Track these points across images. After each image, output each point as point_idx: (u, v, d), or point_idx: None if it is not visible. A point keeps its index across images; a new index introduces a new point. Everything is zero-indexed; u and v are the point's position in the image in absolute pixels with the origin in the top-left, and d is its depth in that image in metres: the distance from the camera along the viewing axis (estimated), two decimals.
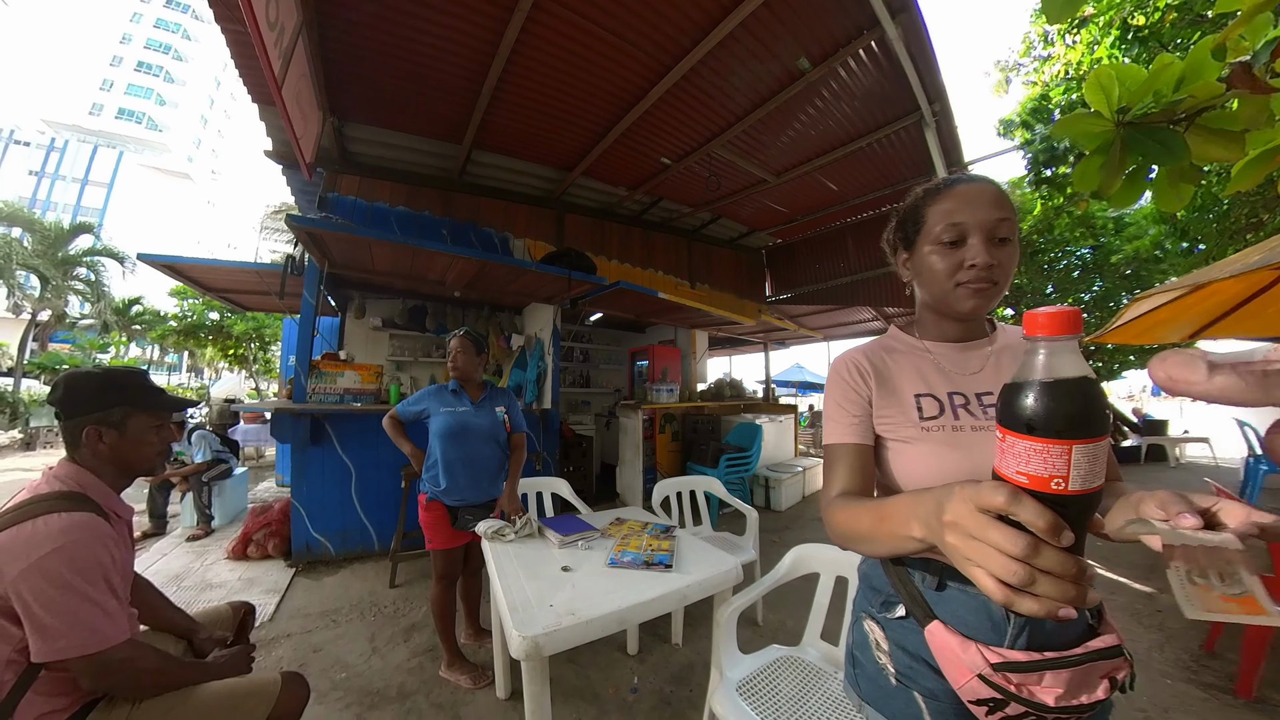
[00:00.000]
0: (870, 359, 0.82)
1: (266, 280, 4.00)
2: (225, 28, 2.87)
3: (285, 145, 3.87)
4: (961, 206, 0.71)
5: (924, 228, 0.76)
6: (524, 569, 1.53)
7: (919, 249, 0.77)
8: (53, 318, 11.52)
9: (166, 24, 42.15)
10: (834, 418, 0.80)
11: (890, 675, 0.72)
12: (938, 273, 0.74)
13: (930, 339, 0.82)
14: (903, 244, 0.82)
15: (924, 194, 0.78)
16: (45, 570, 0.93)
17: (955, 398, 0.75)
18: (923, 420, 0.73)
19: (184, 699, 1.11)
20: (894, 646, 0.73)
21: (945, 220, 0.72)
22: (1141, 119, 1.07)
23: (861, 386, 0.80)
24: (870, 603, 0.79)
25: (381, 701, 1.91)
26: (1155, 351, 7.58)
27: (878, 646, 0.75)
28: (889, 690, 0.72)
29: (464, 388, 2.17)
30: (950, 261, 0.72)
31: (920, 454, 0.72)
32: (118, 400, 1.13)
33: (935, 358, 0.80)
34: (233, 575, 3.10)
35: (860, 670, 0.78)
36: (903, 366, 0.80)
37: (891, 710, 0.72)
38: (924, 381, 0.77)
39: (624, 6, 2.81)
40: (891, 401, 0.77)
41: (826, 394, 0.84)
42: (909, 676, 0.70)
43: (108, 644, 0.98)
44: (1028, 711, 0.56)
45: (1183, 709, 1.86)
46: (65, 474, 1.08)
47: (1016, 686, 0.57)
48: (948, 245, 0.72)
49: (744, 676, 1.42)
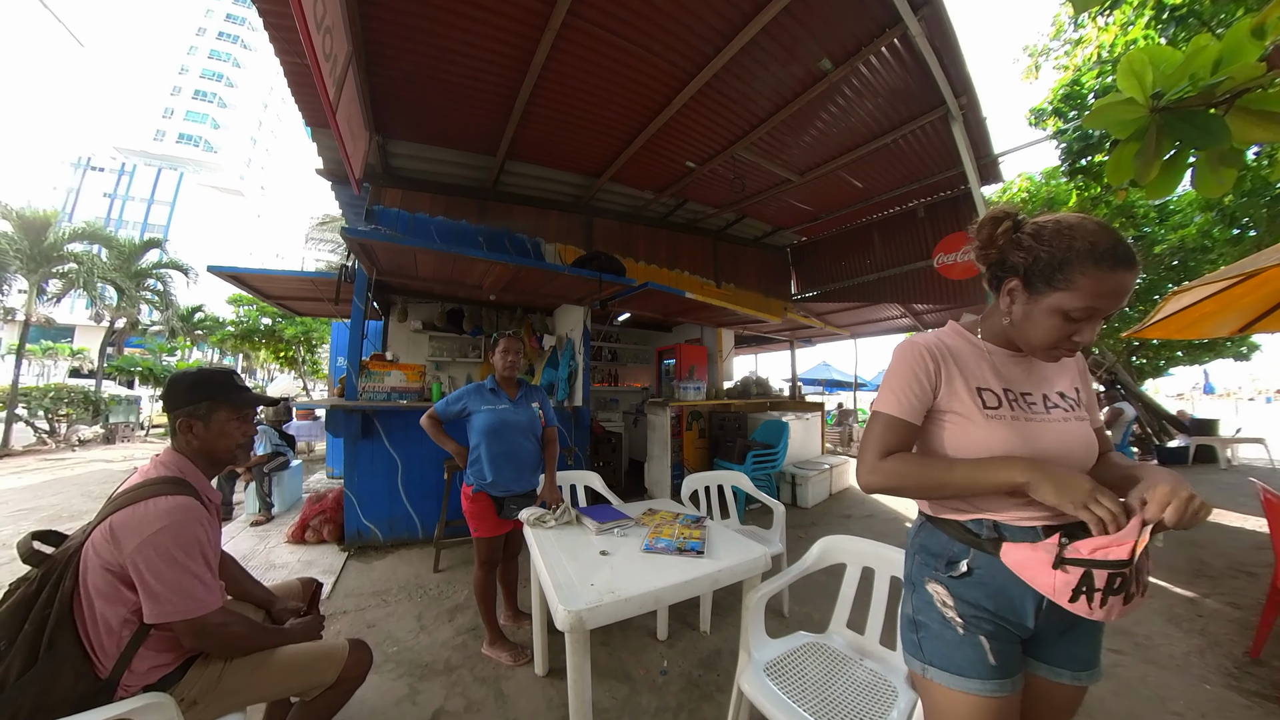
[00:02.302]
0: (941, 352, 0.91)
1: (320, 287, 4.32)
2: (284, 60, 3.14)
3: (336, 163, 4.19)
4: (1109, 296, 0.75)
5: (1064, 289, 0.76)
6: (565, 552, 1.62)
7: (1042, 299, 0.79)
8: (127, 325, 12.65)
9: (219, 54, 45.33)
10: (896, 393, 0.90)
11: (958, 626, 0.84)
12: (1044, 333, 0.80)
13: (992, 342, 0.92)
14: (1024, 277, 0.82)
15: (1087, 253, 0.74)
16: (156, 545, 1.07)
17: (1008, 393, 0.87)
18: (985, 408, 0.85)
19: (267, 659, 1.27)
20: (958, 600, 0.85)
21: (1090, 300, 0.75)
22: (1177, 103, 1.03)
23: (930, 375, 0.89)
24: (932, 568, 0.90)
25: (430, 674, 2.06)
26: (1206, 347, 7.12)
27: (944, 604, 0.86)
28: (955, 642, 0.84)
29: (501, 386, 2.29)
30: (1063, 333, 0.79)
31: (985, 433, 0.84)
32: (204, 396, 1.28)
33: (992, 359, 0.91)
34: (293, 557, 3.39)
35: (924, 632, 0.88)
36: (966, 362, 0.90)
37: (957, 663, 0.82)
38: (983, 377, 0.89)
39: (649, 20, 2.94)
40: (957, 390, 0.88)
41: (893, 368, 0.92)
42: (973, 622, 0.83)
43: (205, 610, 1.12)
44: (1112, 574, 0.69)
45: (1220, 714, 1.81)
46: (168, 461, 1.24)
47: (1090, 554, 0.70)
48: (1070, 319, 0.77)
49: (771, 659, 1.47)
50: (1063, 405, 0.88)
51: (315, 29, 1.94)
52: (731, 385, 6.43)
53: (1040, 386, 0.90)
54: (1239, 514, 4.52)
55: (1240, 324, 3.39)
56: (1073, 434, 0.86)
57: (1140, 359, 8.26)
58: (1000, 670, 0.81)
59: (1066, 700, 0.88)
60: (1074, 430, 0.87)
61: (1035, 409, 0.86)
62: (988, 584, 0.83)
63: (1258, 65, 0.95)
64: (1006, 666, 0.82)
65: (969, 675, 0.81)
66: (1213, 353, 8.26)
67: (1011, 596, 0.82)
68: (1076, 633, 0.87)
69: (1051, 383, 0.91)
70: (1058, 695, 0.87)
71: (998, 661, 0.81)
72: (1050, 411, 0.87)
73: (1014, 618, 0.83)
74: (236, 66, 45.58)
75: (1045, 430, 0.84)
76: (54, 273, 9.77)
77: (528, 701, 1.86)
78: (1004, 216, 0.86)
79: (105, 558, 1.06)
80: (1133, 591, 0.72)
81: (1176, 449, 7.36)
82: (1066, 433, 0.86)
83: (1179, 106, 1.03)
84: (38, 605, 1.04)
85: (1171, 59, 1.03)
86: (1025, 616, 0.83)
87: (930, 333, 0.96)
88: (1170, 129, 1.04)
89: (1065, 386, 0.92)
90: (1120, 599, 0.71)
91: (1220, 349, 8.15)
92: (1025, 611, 0.83)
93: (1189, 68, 1.00)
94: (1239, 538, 3.90)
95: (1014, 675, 0.83)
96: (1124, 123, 1.08)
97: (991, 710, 0.80)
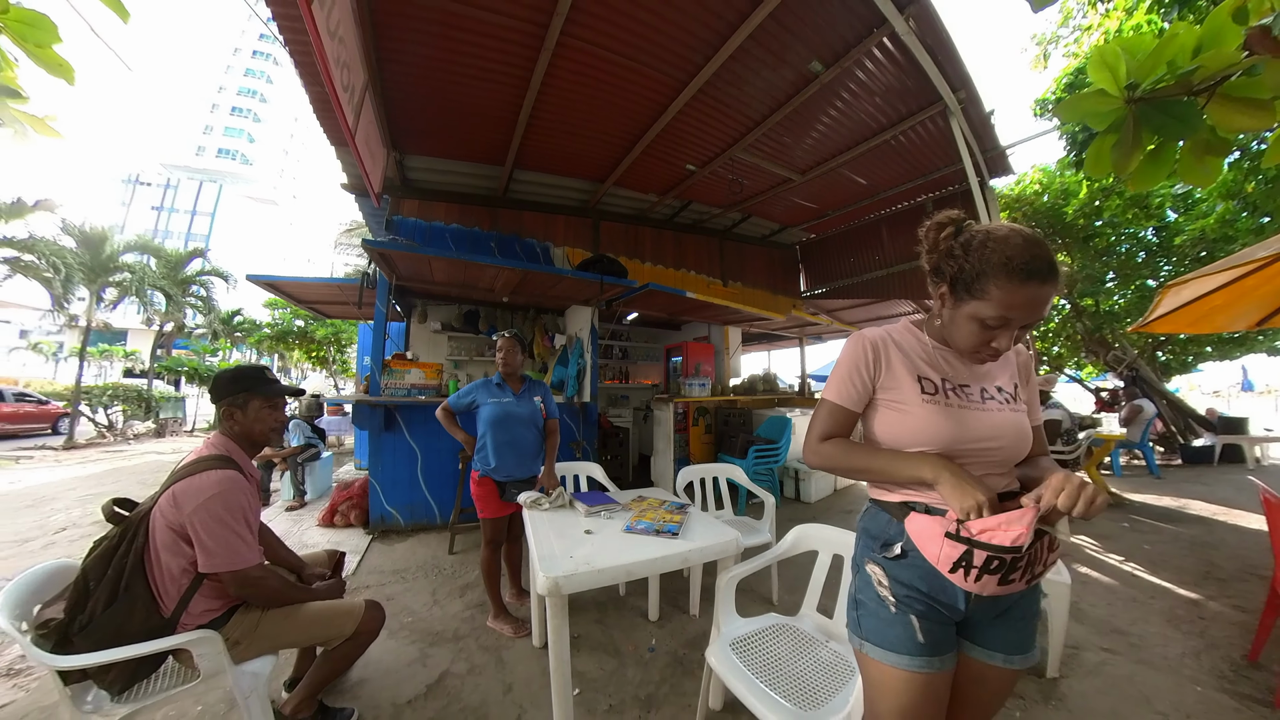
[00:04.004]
0: (885, 344, 0.99)
1: (346, 292, 4.65)
2: (309, 89, 3.41)
3: (357, 179, 4.49)
4: (1022, 307, 0.80)
5: (979, 298, 0.83)
6: (554, 530, 1.77)
7: (963, 306, 0.87)
8: (174, 328, 13.57)
9: (253, 72, 47.77)
10: (839, 383, 0.99)
11: (890, 605, 0.90)
12: (965, 337, 0.89)
13: (934, 339, 1.00)
14: (950, 283, 0.89)
15: (1001, 266, 0.80)
16: (209, 508, 1.31)
17: (946, 383, 0.95)
18: (923, 394, 0.93)
19: (296, 611, 1.51)
20: (892, 580, 0.91)
21: (1001, 311, 0.81)
22: (1153, 93, 1.00)
23: (869, 367, 0.97)
24: (870, 549, 0.97)
25: (440, 641, 2.27)
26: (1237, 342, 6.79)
27: (880, 584, 0.93)
28: (888, 619, 0.90)
29: (507, 381, 2.50)
30: (980, 338, 0.86)
31: (920, 417, 0.92)
32: (242, 388, 1.53)
33: (935, 354, 0.99)
34: (323, 538, 3.71)
35: (863, 610, 0.95)
36: (910, 353, 0.99)
37: (889, 639, 0.89)
38: (924, 368, 0.97)
39: (636, 34, 3.09)
40: (897, 381, 0.96)
41: (839, 360, 1.01)
42: (905, 602, 0.90)
43: (246, 564, 1.37)
44: (990, 557, 0.77)
45: (1208, 716, 1.79)
46: (217, 442, 1.50)
47: (978, 534, 0.78)
48: (987, 327, 0.84)
49: (740, 635, 1.58)
50: (999, 398, 0.95)
51: (334, 65, 2.17)
52: (739, 382, 6.52)
53: (979, 380, 0.96)
54: (1259, 516, 4.36)
55: (1259, 316, 3.24)
56: (1005, 423, 0.92)
57: (1166, 355, 7.91)
58: (929, 649, 0.87)
59: (1000, 682, 0.93)
60: (1007, 419, 0.93)
61: (971, 399, 0.93)
62: (920, 566, 0.88)
63: (1232, 53, 0.92)
64: (936, 645, 0.87)
65: (899, 651, 0.87)
66: (1244, 347, 7.87)
67: (943, 579, 0.85)
68: (1010, 618, 0.92)
69: (991, 377, 0.98)
70: (991, 677, 0.93)
71: (926, 640, 0.87)
72: (986, 402, 0.93)
73: (945, 599, 0.88)
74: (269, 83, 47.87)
75: (979, 418, 0.91)
76: (110, 282, 10.57)
77: (524, 668, 2.04)
78: (948, 223, 0.91)
79: (169, 518, 1.31)
80: (1013, 578, 0.79)
81: (1202, 448, 7.05)
82: (999, 422, 0.92)
83: (1155, 96, 1.00)
84: (117, 555, 1.30)
85: (1145, 47, 1.00)
86: (956, 599, 0.88)
87: (881, 328, 1.03)
88: (1148, 119, 1.02)
89: (1004, 381, 0.99)
90: (995, 579, 0.79)
91: (1252, 343, 7.77)
92: (956, 594, 0.87)
93: (1163, 55, 0.97)
94: (1256, 540, 3.76)
95: (944, 654, 0.88)
96: (1099, 115, 1.06)
97: (919, 685, 0.86)
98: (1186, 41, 0.96)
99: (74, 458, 7.63)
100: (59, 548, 3.50)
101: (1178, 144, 1.09)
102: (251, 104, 47.28)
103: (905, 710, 0.87)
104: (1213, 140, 1.05)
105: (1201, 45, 0.95)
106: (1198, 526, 4.13)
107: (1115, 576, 3.08)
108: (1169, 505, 4.80)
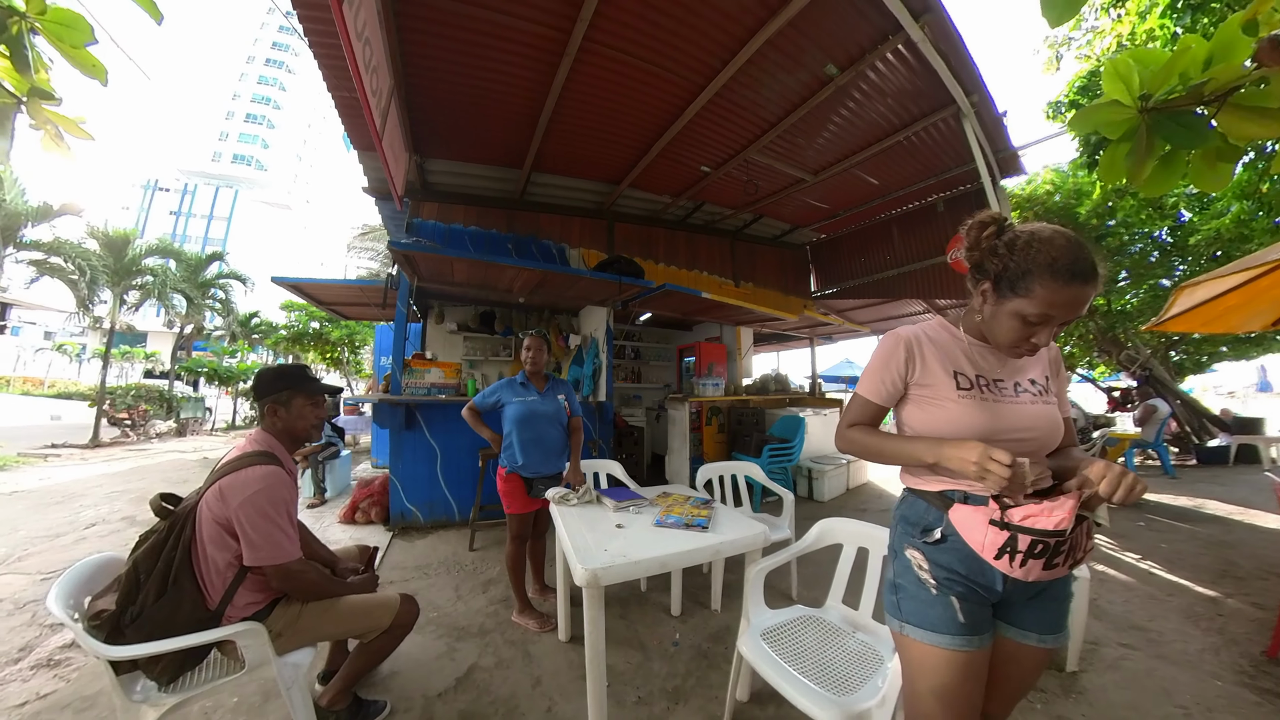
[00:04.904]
0: (917, 341, 1.02)
1: (367, 294, 4.76)
2: (335, 94, 3.51)
3: (379, 182, 4.60)
4: (1064, 306, 0.83)
5: (1023, 296, 0.86)
6: (585, 525, 1.81)
7: (1006, 303, 0.89)
8: (194, 330, 13.87)
9: (266, 79, 48.74)
10: (873, 378, 1.04)
11: (931, 587, 0.93)
12: (1006, 332, 0.91)
13: (970, 335, 1.03)
14: (994, 281, 0.91)
15: (1046, 266, 0.83)
16: (254, 503, 1.34)
17: (980, 379, 0.98)
18: (959, 389, 0.96)
19: (334, 604, 1.54)
20: (932, 564, 0.94)
21: (1044, 309, 0.84)
22: (1166, 103, 1.03)
23: (904, 366, 1.01)
24: (909, 535, 1.00)
25: (466, 635, 2.30)
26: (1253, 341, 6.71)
27: (920, 568, 0.96)
28: (929, 601, 0.93)
29: (531, 380, 2.53)
30: (1021, 334, 0.89)
31: (955, 411, 0.95)
32: (285, 386, 1.56)
33: (969, 350, 1.02)
34: (344, 535, 3.77)
35: (902, 594, 0.97)
36: (944, 350, 1.02)
37: (930, 619, 0.92)
38: (959, 363, 1.00)
39: (658, 39, 3.15)
40: (932, 377, 0.99)
41: (875, 355, 1.05)
42: (945, 584, 0.93)
43: (288, 558, 1.38)
44: (1034, 541, 0.80)
45: (1230, 710, 1.79)
46: (260, 439, 1.52)
47: (1021, 520, 0.81)
48: (1028, 323, 0.87)
49: (769, 626, 1.61)
50: (1031, 391, 0.98)
51: (364, 70, 2.24)
52: (751, 382, 6.55)
53: (1012, 375, 0.99)
54: (1277, 515, 4.28)
55: (1274, 317, 3.22)
56: (1038, 414, 0.96)
57: (1180, 354, 7.85)
58: (969, 628, 0.90)
59: (1034, 660, 0.97)
60: (1039, 411, 0.96)
61: (1005, 392, 0.96)
62: (959, 550, 0.92)
63: (1238, 68, 0.95)
64: (975, 625, 0.91)
65: (940, 631, 0.90)
66: (1260, 347, 7.79)
67: (981, 562, 0.89)
68: (1043, 599, 0.95)
69: (1024, 370, 1.01)
70: (1025, 656, 0.97)
71: (967, 620, 0.90)
72: (1019, 395, 0.97)
73: (983, 580, 0.92)
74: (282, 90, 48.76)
75: (1013, 410, 0.95)
76: (133, 284, 10.82)
77: (551, 662, 2.06)
78: (990, 222, 0.93)
79: (215, 512, 1.34)
80: (1057, 561, 0.82)
81: (1217, 448, 6.97)
82: (1032, 413, 0.95)
83: (1167, 107, 1.03)
84: (166, 548, 1.32)
85: (1158, 60, 1.03)
86: (994, 581, 0.91)
87: (915, 325, 1.06)
88: (1160, 129, 1.05)
89: (1036, 375, 1.01)
90: (1040, 563, 0.82)
91: (1269, 343, 7.69)
92: (994, 576, 0.91)
93: (1175, 68, 1.00)
94: (1273, 539, 3.75)
95: (982, 634, 0.92)
96: (1113, 124, 1.09)
97: (960, 663, 0.89)
98: (1198, 54, 0.99)
99: (99, 456, 7.82)
100: (90, 543, 3.59)
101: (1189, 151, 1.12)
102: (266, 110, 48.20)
103: (947, 688, 0.90)
104: (1223, 148, 1.09)
105: (1212, 57, 0.98)
106: (1214, 526, 4.12)
107: (1132, 574, 3.09)
108: (1185, 505, 4.79)
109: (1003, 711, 1.03)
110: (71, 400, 17.24)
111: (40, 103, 1.32)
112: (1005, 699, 1.01)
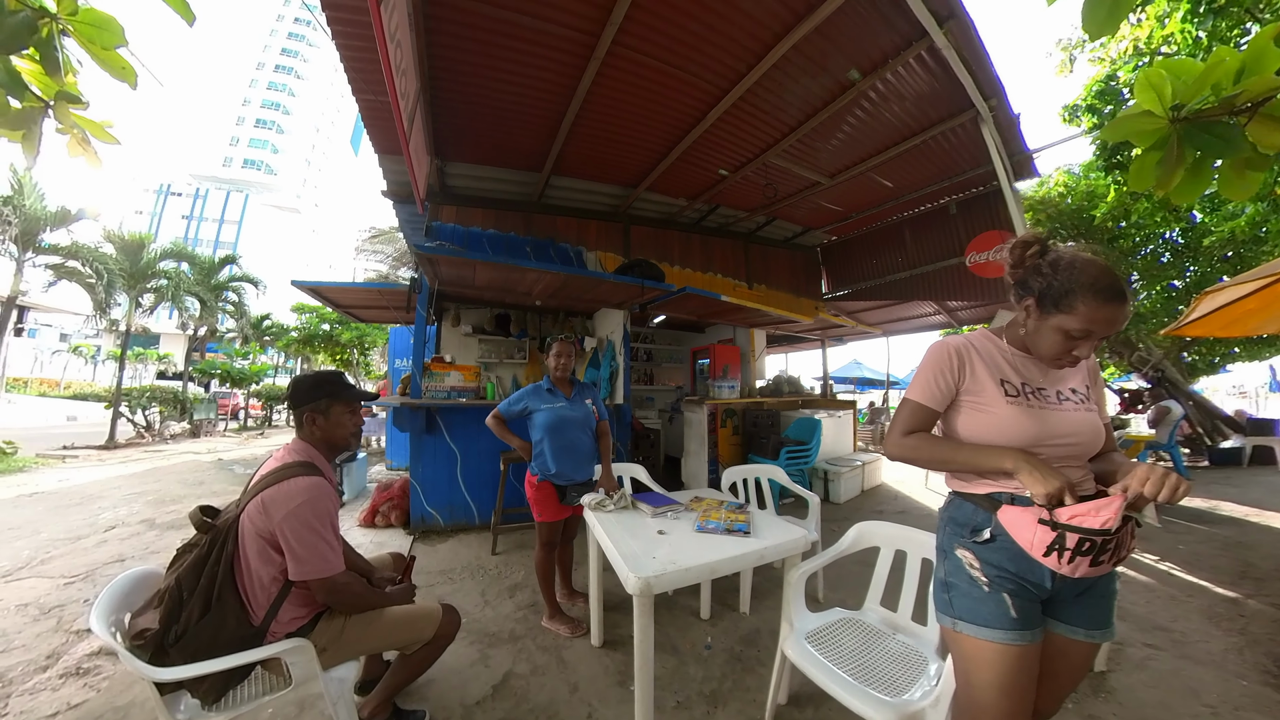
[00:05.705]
0: (967, 350, 1.07)
1: (386, 297, 4.80)
2: (360, 98, 3.52)
3: (398, 185, 4.64)
4: (1104, 323, 0.90)
5: (1067, 312, 0.92)
6: (626, 531, 1.80)
7: (1050, 318, 0.96)
8: (207, 332, 13.99)
9: (276, 85, 49.38)
10: (924, 384, 1.08)
11: (983, 585, 0.97)
12: (1049, 346, 0.98)
13: (1013, 346, 1.08)
14: (1038, 299, 0.97)
15: (1089, 286, 0.90)
16: (299, 516, 1.29)
17: (1025, 387, 1.03)
18: (1007, 396, 1.01)
19: (378, 616, 1.49)
20: (983, 563, 0.99)
21: (1086, 325, 0.91)
22: (1198, 114, 1.05)
23: (954, 371, 1.06)
24: (959, 536, 1.04)
25: (497, 642, 2.25)
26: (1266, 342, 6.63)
27: (971, 566, 1.00)
28: (981, 598, 0.97)
29: (557, 385, 2.45)
30: (1064, 347, 0.96)
31: (1003, 417, 1.00)
32: (324, 394, 1.50)
33: (1013, 360, 1.07)
34: (365, 539, 3.75)
35: (955, 592, 1.01)
36: (991, 359, 1.07)
37: (983, 616, 0.96)
38: (1006, 372, 1.05)
39: (686, 44, 3.17)
40: (981, 385, 1.04)
41: (924, 363, 1.10)
42: (997, 582, 0.97)
43: (334, 571, 1.33)
44: (1082, 539, 0.83)
45: (1257, 709, 1.81)
46: (298, 448, 1.46)
47: (1068, 519, 0.85)
48: (1071, 337, 0.94)
49: (811, 629, 1.62)
50: (1073, 399, 1.03)
51: (396, 73, 2.27)
52: (764, 384, 6.55)
53: (1054, 383, 1.04)
54: None
55: None
56: (1081, 421, 1.00)
57: (1192, 355, 7.80)
58: (1021, 623, 0.94)
59: (1082, 656, 1.01)
60: (1083, 419, 1.01)
61: (1049, 400, 1.01)
62: (1009, 548, 0.96)
63: (1271, 79, 0.96)
64: (1027, 620, 0.94)
65: (994, 626, 0.94)
66: (1273, 348, 7.72)
67: (1030, 560, 0.92)
68: (1091, 595, 0.99)
69: (1065, 380, 1.06)
70: (1074, 651, 1.01)
71: (1019, 615, 0.94)
72: (1062, 403, 1.02)
73: (1033, 578, 0.96)
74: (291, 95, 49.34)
75: (1058, 417, 0.99)
76: (148, 287, 10.94)
77: (586, 668, 2.04)
78: (1034, 242, 1.00)
79: (259, 526, 1.29)
80: (1103, 559, 0.85)
81: (1230, 450, 6.90)
82: (1076, 420, 1.00)
83: (1199, 117, 1.05)
84: (209, 564, 1.28)
85: (1191, 71, 1.05)
86: (1043, 578, 0.95)
87: (962, 335, 1.11)
88: (1191, 138, 1.08)
89: (1076, 383, 1.06)
90: (1087, 560, 0.85)
91: None
92: (1043, 573, 0.95)
93: (1210, 78, 1.02)
94: None
95: (1033, 629, 0.95)
96: (1144, 133, 1.12)
97: (1013, 657, 0.93)
98: (1231, 66, 1.02)
99: (115, 457, 7.90)
100: (110, 545, 3.59)
101: (1214, 160, 1.15)
102: (275, 116, 48.79)
103: (1002, 681, 0.93)
104: (1253, 157, 1.11)
105: (1245, 69, 1.01)
106: (1231, 527, 4.12)
107: (1153, 575, 3.09)
108: (1200, 506, 4.78)
109: (1053, 707, 1.06)
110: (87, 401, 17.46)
111: (68, 107, 1.30)
112: (1055, 694, 1.04)
